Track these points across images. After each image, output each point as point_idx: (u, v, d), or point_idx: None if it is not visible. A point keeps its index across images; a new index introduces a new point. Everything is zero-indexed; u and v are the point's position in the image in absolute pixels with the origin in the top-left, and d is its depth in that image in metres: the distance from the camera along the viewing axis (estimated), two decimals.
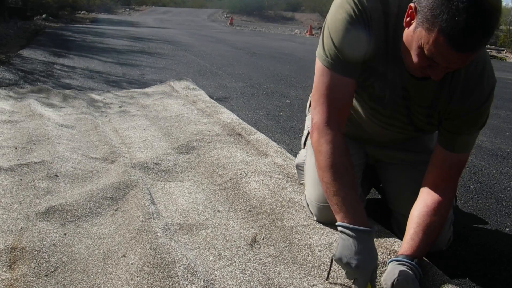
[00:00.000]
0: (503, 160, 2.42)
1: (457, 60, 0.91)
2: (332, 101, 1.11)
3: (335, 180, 1.08)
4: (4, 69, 3.82)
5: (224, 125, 2.38)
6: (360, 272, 1.00)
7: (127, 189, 1.53)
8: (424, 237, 1.11)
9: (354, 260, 0.99)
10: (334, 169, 1.09)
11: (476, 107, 1.09)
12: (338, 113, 1.13)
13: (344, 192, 1.07)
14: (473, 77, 1.07)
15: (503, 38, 12.86)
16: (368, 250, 1.02)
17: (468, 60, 0.92)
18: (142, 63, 4.93)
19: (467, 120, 1.12)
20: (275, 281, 1.09)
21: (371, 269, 1.01)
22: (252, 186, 1.59)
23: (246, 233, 1.31)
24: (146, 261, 1.10)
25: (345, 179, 1.09)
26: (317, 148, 1.13)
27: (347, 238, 1.03)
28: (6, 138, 1.98)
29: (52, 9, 13.07)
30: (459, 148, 1.15)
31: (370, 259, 1.01)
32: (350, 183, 1.09)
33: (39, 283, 1.04)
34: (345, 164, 1.10)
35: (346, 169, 1.10)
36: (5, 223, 1.27)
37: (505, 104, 4.18)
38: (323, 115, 1.12)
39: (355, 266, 0.99)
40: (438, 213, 1.13)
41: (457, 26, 0.85)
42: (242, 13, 22.11)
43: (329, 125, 1.11)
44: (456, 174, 1.19)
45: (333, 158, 1.09)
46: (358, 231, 1.02)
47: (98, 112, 2.62)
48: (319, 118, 1.13)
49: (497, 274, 1.30)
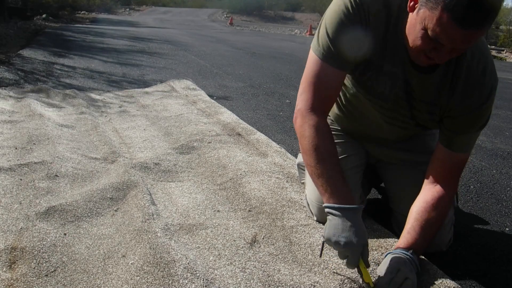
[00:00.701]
0: (503, 160, 2.42)
1: (461, 38, 0.90)
2: (318, 90, 1.13)
3: (319, 163, 1.09)
4: (4, 69, 3.82)
5: (224, 125, 2.38)
6: (349, 249, 1.01)
7: (127, 189, 1.53)
8: (422, 232, 1.12)
9: (342, 238, 1.01)
10: (317, 152, 1.10)
11: (476, 107, 1.09)
12: (323, 102, 1.15)
13: (329, 174, 1.08)
14: (475, 75, 1.07)
15: (503, 38, 12.86)
16: (356, 227, 1.02)
17: (473, 39, 0.91)
18: (142, 63, 4.93)
19: (467, 119, 1.11)
20: (275, 278, 1.09)
21: (361, 246, 1.01)
22: (252, 186, 1.59)
23: (246, 233, 1.31)
24: (146, 261, 1.10)
25: (329, 161, 1.10)
26: (301, 132, 1.14)
27: (334, 218, 1.04)
28: (6, 138, 1.98)
29: (52, 9, 13.08)
30: (459, 147, 1.15)
31: (359, 236, 1.01)
32: (334, 165, 1.10)
33: (39, 283, 1.04)
34: (329, 147, 1.12)
35: (330, 152, 1.11)
36: (5, 223, 1.27)
37: (505, 104, 4.18)
38: (308, 102, 1.13)
39: (344, 244, 1.00)
40: (437, 209, 1.14)
41: (461, 1, 0.85)
42: (242, 13, 22.11)
43: (312, 111, 1.13)
44: (456, 173, 1.19)
45: (317, 142, 1.11)
46: (344, 210, 1.03)
47: (98, 112, 2.63)
48: (303, 104, 1.14)
49: (497, 274, 1.30)
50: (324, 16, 1.13)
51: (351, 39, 1.07)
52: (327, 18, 1.10)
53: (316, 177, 1.10)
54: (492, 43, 13.11)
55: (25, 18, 10.03)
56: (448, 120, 1.15)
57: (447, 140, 1.16)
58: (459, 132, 1.14)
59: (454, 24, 0.87)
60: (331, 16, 1.09)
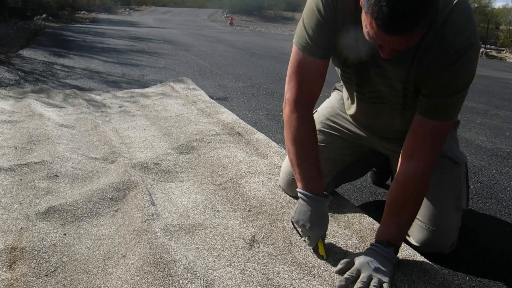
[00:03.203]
0: (503, 160, 2.42)
1: (394, 42, 0.92)
2: (302, 80, 1.22)
3: (299, 153, 1.22)
4: (4, 69, 3.82)
5: (224, 125, 2.38)
6: (312, 233, 1.19)
7: (127, 189, 1.53)
8: (395, 219, 1.13)
9: (308, 223, 1.18)
10: (299, 143, 1.22)
11: (446, 65, 1.05)
12: (308, 92, 1.23)
13: (306, 165, 1.21)
14: (445, 38, 1.05)
15: (503, 38, 12.86)
16: (320, 216, 1.20)
17: (410, 41, 0.92)
18: (142, 63, 4.93)
19: (438, 81, 1.08)
20: (274, 281, 1.09)
21: (322, 232, 1.20)
22: (252, 186, 1.59)
23: (246, 233, 1.31)
24: (146, 261, 1.10)
25: (308, 154, 1.22)
26: (288, 121, 1.24)
27: (304, 204, 1.20)
28: (6, 138, 1.98)
29: (52, 9, 13.08)
30: (432, 113, 1.11)
31: (321, 224, 1.20)
32: (312, 158, 1.22)
33: (39, 283, 1.04)
34: (311, 141, 1.23)
35: (311, 146, 1.23)
36: (5, 223, 1.27)
37: (505, 104, 4.18)
38: (295, 92, 1.22)
39: (309, 229, 1.18)
40: (408, 190, 1.13)
41: (382, 11, 0.87)
42: (242, 13, 22.11)
43: (300, 103, 1.22)
44: (431, 142, 1.14)
45: (300, 134, 1.22)
46: (314, 199, 1.19)
47: (98, 112, 2.63)
48: (291, 94, 1.23)
49: (497, 274, 1.30)
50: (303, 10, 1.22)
51: (322, 32, 1.16)
52: (304, 12, 1.19)
53: (295, 164, 1.23)
54: (492, 43, 13.11)
55: (25, 18, 10.03)
56: (422, 87, 1.13)
57: (421, 106, 1.14)
58: (431, 95, 1.11)
59: (381, 31, 0.90)
60: (306, 10, 1.18)
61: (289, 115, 1.23)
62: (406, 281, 1.10)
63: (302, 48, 1.19)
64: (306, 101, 1.23)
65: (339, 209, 1.46)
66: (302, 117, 1.21)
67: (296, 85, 1.22)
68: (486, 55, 11.35)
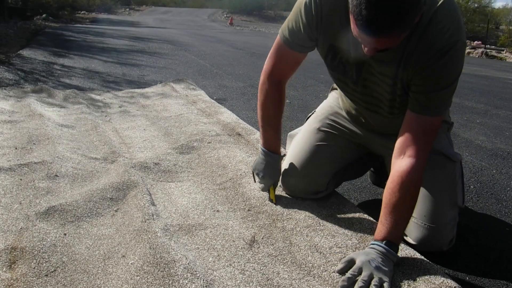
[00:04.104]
0: (503, 160, 2.42)
1: (375, 42, 0.98)
2: (279, 62, 1.40)
3: (264, 117, 1.46)
4: (4, 69, 3.82)
5: (224, 125, 2.38)
6: (264, 181, 1.49)
7: (127, 189, 1.53)
8: (392, 218, 1.13)
9: (261, 173, 1.48)
10: (265, 109, 1.45)
11: (432, 62, 1.09)
12: (281, 72, 1.42)
13: (268, 128, 1.47)
14: (429, 37, 1.09)
15: (503, 38, 12.86)
16: (273, 169, 1.48)
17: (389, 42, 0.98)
18: (142, 63, 4.93)
19: (425, 78, 1.12)
20: (274, 281, 1.09)
21: (271, 181, 1.48)
22: (252, 186, 1.59)
23: (246, 233, 1.31)
24: (146, 261, 1.10)
25: (271, 119, 1.46)
26: (260, 89, 1.45)
27: (262, 157, 1.48)
28: (6, 138, 1.98)
29: (52, 9, 13.08)
30: (422, 109, 1.15)
31: (272, 175, 1.48)
32: (274, 123, 1.46)
33: (39, 283, 1.04)
34: (274, 109, 1.45)
35: (274, 113, 1.45)
36: (5, 223, 1.27)
37: (505, 104, 4.18)
38: (270, 68, 1.41)
39: (261, 177, 1.48)
40: (403, 188, 1.13)
41: (362, 13, 0.92)
42: (242, 13, 22.12)
43: (271, 77, 1.41)
44: (422, 138, 1.15)
45: (267, 102, 1.44)
46: (269, 155, 1.47)
47: (98, 112, 2.63)
48: (267, 67, 1.42)
49: (497, 274, 1.30)
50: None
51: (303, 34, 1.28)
52: (292, 10, 1.29)
53: (260, 124, 1.48)
54: (492, 43, 13.11)
55: (25, 18, 10.03)
56: (410, 84, 1.17)
57: (411, 103, 1.17)
58: (420, 92, 1.14)
59: (361, 32, 0.96)
60: (293, 8, 1.29)
61: (261, 84, 1.44)
62: (406, 281, 1.10)
63: (283, 40, 1.34)
64: (278, 77, 1.41)
65: (339, 209, 1.46)
66: (271, 89, 1.42)
67: (272, 62, 1.40)
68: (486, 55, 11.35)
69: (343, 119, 1.55)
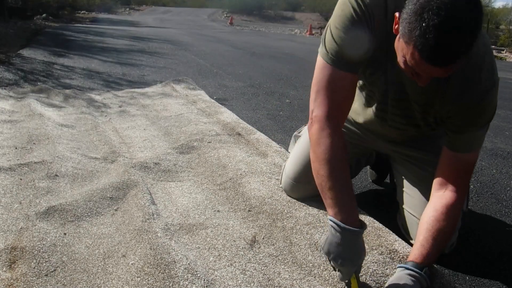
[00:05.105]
0: (503, 160, 2.42)
1: (435, 72, 0.92)
2: (332, 95, 1.12)
3: (331, 175, 1.08)
4: (4, 69, 3.82)
5: (224, 125, 2.38)
6: (344, 269, 1.04)
7: (127, 189, 1.53)
8: (434, 244, 1.10)
9: (339, 258, 1.03)
10: (331, 164, 1.09)
11: (474, 105, 1.08)
12: (338, 107, 1.14)
13: (339, 188, 1.07)
14: (470, 74, 1.07)
15: (503, 38, 12.86)
16: (355, 250, 1.04)
17: (450, 70, 0.92)
18: (142, 62, 4.93)
19: (466, 118, 1.11)
20: (275, 282, 1.09)
21: (355, 267, 1.05)
22: (252, 186, 1.59)
23: (246, 233, 1.31)
24: (146, 262, 1.09)
25: (342, 175, 1.09)
26: (317, 140, 1.12)
27: (336, 235, 1.04)
28: (6, 138, 1.98)
29: (52, 9, 13.07)
30: (462, 147, 1.14)
31: (355, 258, 1.04)
32: (346, 179, 1.10)
33: (39, 283, 1.04)
34: (343, 162, 1.11)
35: (343, 167, 1.10)
36: (5, 223, 1.27)
37: (505, 104, 4.18)
38: (324, 108, 1.13)
39: (340, 263, 1.03)
40: (448, 218, 1.13)
41: (428, 43, 0.86)
42: (242, 13, 22.12)
43: (329, 119, 1.12)
44: (463, 175, 1.17)
45: (332, 153, 1.09)
46: (348, 230, 1.03)
47: (98, 112, 2.62)
48: (320, 110, 1.13)
49: (497, 274, 1.30)
50: (329, 21, 1.14)
51: (357, 43, 1.07)
52: (333, 24, 1.11)
53: (326, 188, 1.08)
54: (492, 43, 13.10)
55: (25, 18, 10.03)
56: (449, 122, 1.15)
57: (449, 141, 1.16)
58: (460, 132, 1.13)
59: (425, 62, 0.89)
60: (336, 21, 1.10)
61: (318, 133, 1.12)
62: None
63: (331, 61, 1.11)
64: (337, 117, 1.14)
65: None
66: (333, 134, 1.10)
67: (325, 101, 1.13)
68: None
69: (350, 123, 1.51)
